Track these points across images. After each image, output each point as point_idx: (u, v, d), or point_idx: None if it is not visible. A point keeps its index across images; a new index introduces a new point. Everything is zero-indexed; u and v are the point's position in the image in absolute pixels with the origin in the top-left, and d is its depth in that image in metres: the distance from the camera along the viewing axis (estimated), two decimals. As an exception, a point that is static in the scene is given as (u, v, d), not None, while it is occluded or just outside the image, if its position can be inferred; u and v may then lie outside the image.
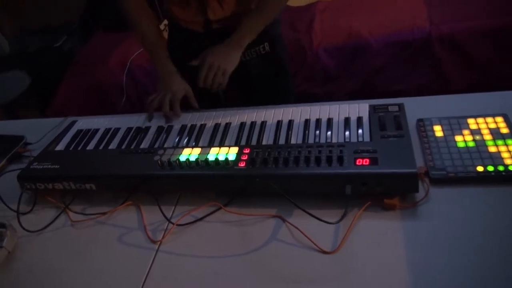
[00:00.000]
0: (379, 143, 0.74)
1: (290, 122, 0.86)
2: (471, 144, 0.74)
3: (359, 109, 0.85)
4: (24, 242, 0.80)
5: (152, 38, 1.06)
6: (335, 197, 0.71)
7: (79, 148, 0.95)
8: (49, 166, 0.88)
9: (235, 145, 0.83)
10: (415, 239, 0.64)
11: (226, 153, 0.80)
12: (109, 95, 1.86)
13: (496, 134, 0.75)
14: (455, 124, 0.79)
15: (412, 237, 0.64)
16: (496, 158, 0.70)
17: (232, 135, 0.87)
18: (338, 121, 0.83)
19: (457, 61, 1.49)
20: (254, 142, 0.84)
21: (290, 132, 0.84)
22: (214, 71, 0.99)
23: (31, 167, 0.89)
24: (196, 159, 0.79)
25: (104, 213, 0.81)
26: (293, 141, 0.81)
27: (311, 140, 0.80)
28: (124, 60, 1.83)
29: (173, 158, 0.81)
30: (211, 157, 0.79)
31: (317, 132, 0.82)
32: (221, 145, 0.85)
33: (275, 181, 0.72)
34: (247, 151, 0.79)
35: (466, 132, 0.77)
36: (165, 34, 1.95)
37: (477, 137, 0.75)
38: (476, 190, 0.68)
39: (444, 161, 0.72)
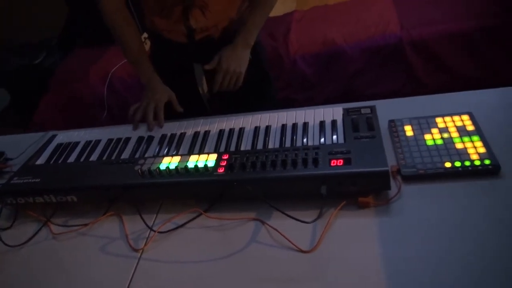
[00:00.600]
0: (353, 144, 0.77)
1: (268, 128, 0.88)
2: (439, 141, 0.77)
3: (334, 112, 0.88)
4: (6, 257, 0.80)
5: (135, 49, 1.08)
6: (312, 197, 0.73)
7: (59, 161, 0.95)
8: (30, 180, 0.88)
9: (214, 152, 0.85)
10: (389, 234, 0.66)
11: (206, 160, 0.81)
12: (90, 108, 1.86)
13: (462, 131, 0.78)
14: (424, 124, 0.82)
15: (386, 233, 0.66)
16: (462, 154, 0.74)
17: (211, 142, 0.89)
18: (314, 125, 0.86)
19: (427, 64, 1.54)
20: (232, 148, 0.86)
21: (267, 138, 0.86)
22: (230, 75, 1.03)
23: (12, 182, 0.89)
24: (176, 167, 0.80)
25: (85, 225, 0.82)
26: (270, 146, 0.84)
27: (288, 144, 0.83)
28: (104, 73, 1.84)
29: (153, 167, 0.82)
30: (190, 164, 0.80)
31: (294, 136, 0.84)
32: (200, 152, 0.86)
33: (253, 185, 0.74)
34: (225, 157, 0.81)
35: (434, 130, 0.80)
36: (146, 47, 1.98)
37: (445, 135, 0.78)
38: (445, 185, 0.71)
39: (415, 159, 0.75)
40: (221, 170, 0.78)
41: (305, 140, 0.82)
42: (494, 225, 0.64)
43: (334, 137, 0.81)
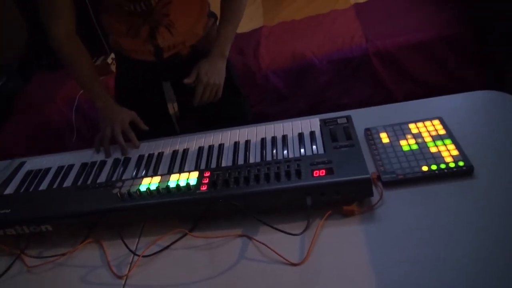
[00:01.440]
0: (333, 154, 0.78)
1: (247, 142, 0.88)
2: (414, 147, 0.80)
3: (311, 124, 0.89)
4: (-25, 296, 0.74)
5: (88, 75, 1.04)
6: (297, 209, 0.73)
7: (30, 190, 0.91)
8: (-1, 212, 0.83)
9: (195, 169, 0.84)
10: (377, 241, 0.67)
11: (187, 178, 0.80)
12: (58, 132, 1.79)
13: (435, 136, 0.82)
14: (399, 130, 0.85)
15: (374, 240, 0.67)
16: (437, 158, 0.77)
17: (191, 160, 0.88)
18: (293, 137, 0.87)
19: (393, 73, 1.61)
20: (213, 165, 0.85)
21: (247, 152, 0.86)
22: (210, 87, 1.03)
23: (-22, 214, 0.84)
24: (157, 187, 0.79)
25: (63, 254, 0.78)
26: (251, 160, 0.84)
27: (269, 158, 0.83)
28: (71, 96, 1.78)
29: (133, 189, 0.80)
30: (172, 184, 0.79)
31: (274, 149, 0.84)
32: (180, 171, 0.85)
33: (238, 201, 0.74)
34: (207, 174, 0.80)
35: (409, 136, 0.83)
36: (113, 67, 1.94)
37: (419, 140, 0.81)
38: (424, 188, 0.74)
39: (393, 165, 0.77)
40: (203, 188, 0.77)
41: (285, 152, 0.83)
42: (474, 223, 0.66)
43: (314, 147, 0.82)
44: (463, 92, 0.95)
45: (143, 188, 0.80)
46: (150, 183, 0.81)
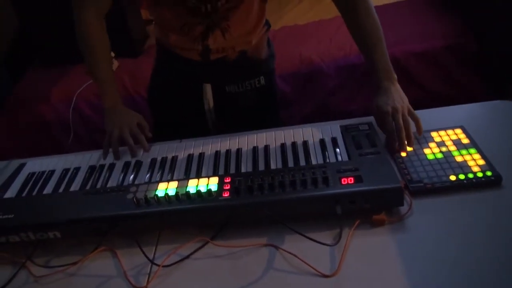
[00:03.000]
0: (359, 161, 0.76)
1: (266, 147, 0.86)
2: (439, 155, 0.79)
3: (331, 130, 0.87)
4: (-24, 309, 0.69)
5: (106, 67, 1.01)
6: (324, 218, 0.71)
7: (34, 193, 0.85)
8: (1, 217, 0.78)
9: (214, 175, 0.80)
10: (408, 251, 0.66)
11: (207, 184, 0.77)
12: (53, 133, 1.71)
13: (458, 144, 0.81)
14: (421, 138, 0.84)
15: (405, 250, 0.66)
16: (464, 167, 0.76)
17: (208, 164, 0.85)
18: (314, 143, 0.85)
19: (400, 81, 1.61)
20: (232, 170, 0.82)
21: (268, 158, 0.83)
22: (406, 112, 0.83)
23: (-22, 219, 0.78)
24: (176, 193, 0.75)
25: (74, 263, 0.73)
26: (272, 166, 0.81)
27: (291, 164, 0.80)
28: (69, 95, 1.71)
29: (150, 194, 0.76)
30: (191, 189, 0.75)
31: (296, 155, 0.82)
32: (198, 176, 0.81)
33: (263, 209, 0.71)
34: (228, 180, 0.76)
35: (432, 145, 0.82)
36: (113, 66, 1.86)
37: (443, 149, 0.80)
38: (452, 197, 0.72)
39: (419, 174, 0.76)
40: (226, 195, 0.73)
41: (308, 158, 0.81)
42: (504, 233, 0.65)
43: (338, 154, 0.80)
44: (468, 101, 0.96)
45: (160, 193, 0.76)
46: (167, 188, 0.77)
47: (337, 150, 0.81)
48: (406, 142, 0.81)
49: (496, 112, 0.92)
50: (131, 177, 0.85)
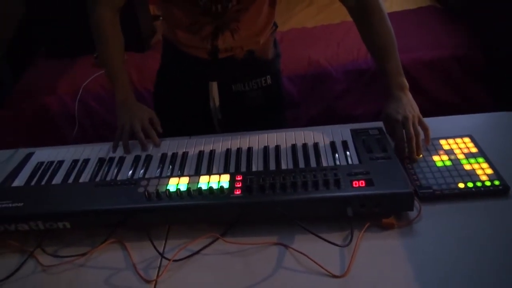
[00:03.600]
0: (369, 165, 0.77)
1: (277, 148, 0.86)
2: (448, 163, 0.80)
3: (342, 133, 0.88)
4: (-16, 296, 0.68)
5: (119, 63, 1.01)
6: (333, 220, 0.72)
7: (43, 183, 0.85)
8: (9, 205, 0.77)
9: (224, 172, 0.81)
10: (417, 255, 0.66)
11: (218, 181, 0.77)
12: (58, 124, 1.70)
13: (467, 153, 0.82)
14: (430, 145, 0.85)
15: (414, 254, 0.67)
16: (472, 175, 0.77)
17: (218, 162, 0.85)
18: (324, 145, 0.86)
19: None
20: (243, 168, 0.82)
21: (279, 158, 0.84)
22: (416, 121, 0.84)
23: (-14, 207, 0.78)
24: (188, 189, 0.75)
25: (83, 254, 0.73)
26: (283, 167, 0.81)
27: (301, 165, 0.81)
28: (75, 87, 1.70)
29: (161, 189, 0.76)
30: (203, 185, 0.76)
31: (306, 156, 0.83)
32: (209, 173, 0.82)
33: (274, 208, 0.71)
34: (239, 178, 0.77)
35: (441, 152, 0.83)
36: None
37: (452, 157, 0.82)
38: (461, 204, 0.74)
39: (429, 180, 0.77)
40: (237, 192, 0.74)
41: (319, 160, 0.81)
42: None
43: (348, 157, 0.81)
44: (474, 111, 0.97)
45: (172, 188, 0.76)
46: (178, 183, 0.78)
47: (348, 153, 0.82)
48: (415, 151, 0.82)
49: (504, 123, 0.93)
50: (142, 171, 0.85)
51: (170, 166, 0.85)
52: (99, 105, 1.70)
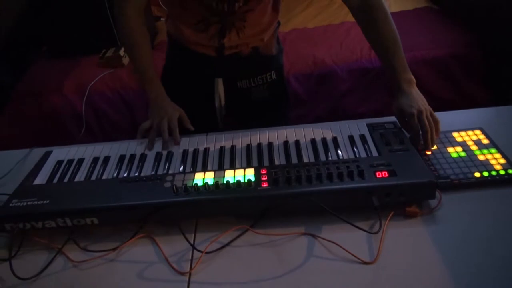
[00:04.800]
0: (389, 157, 0.80)
1: (297, 142, 0.88)
2: (462, 154, 0.84)
3: (359, 127, 0.91)
4: (17, 292, 0.68)
5: (148, 60, 1.02)
6: (357, 210, 0.74)
7: (65, 180, 0.85)
8: (35, 202, 0.78)
9: (248, 166, 0.83)
10: (440, 240, 0.69)
11: (243, 175, 0.79)
12: (65, 124, 1.68)
13: (479, 144, 0.86)
14: (444, 138, 0.89)
15: (437, 239, 0.70)
16: (487, 165, 0.81)
17: (240, 157, 0.87)
18: (343, 139, 0.88)
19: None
20: (266, 162, 0.84)
21: (300, 151, 0.86)
22: (428, 114, 0.87)
23: (11, 205, 0.77)
24: (215, 182, 0.76)
25: (114, 249, 0.73)
26: (305, 160, 0.84)
27: (323, 158, 0.83)
28: (81, 87, 1.69)
29: (189, 183, 0.77)
30: (230, 179, 0.77)
31: (327, 150, 0.85)
32: (233, 167, 0.83)
33: (301, 199, 0.73)
34: (264, 171, 0.79)
35: (455, 144, 0.87)
36: (124, 60, 1.84)
37: (466, 148, 0.85)
38: (478, 193, 0.77)
39: (446, 170, 0.81)
40: (265, 185, 0.76)
41: (339, 154, 0.84)
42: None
43: (368, 150, 0.84)
44: (472, 108, 1.02)
45: (199, 182, 0.77)
46: (204, 178, 0.79)
47: (367, 146, 0.85)
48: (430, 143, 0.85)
49: (510, 116, 0.98)
50: (165, 167, 0.86)
51: (193, 162, 0.86)
52: (106, 105, 1.69)
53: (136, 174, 0.85)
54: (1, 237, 0.78)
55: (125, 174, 0.85)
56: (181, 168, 0.85)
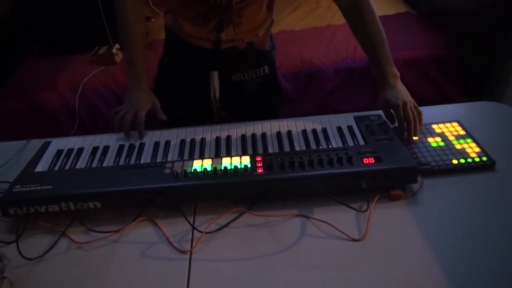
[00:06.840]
0: (375, 145, 0.86)
1: (289, 133, 0.94)
2: (441, 143, 0.91)
3: (346, 120, 0.97)
4: (22, 272, 0.71)
5: (137, 49, 1.05)
6: (346, 193, 0.80)
7: (66, 168, 0.88)
8: (39, 188, 0.80)
9: (243, 154, 0.87)
10: (423, 220, 0.76)
11: (240, 161, 0.84)
12: (58, 120, 1.69)
13: (456, 135, 0.93)
14: (424, 129, 0.96)
15: (420, 220, 0.76)
16: (463, 153, 0.88)
17: (236, 146, 0.91)
18: (332, 130, 0.94)
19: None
20: (260, 151, 0.89)
21: (292, 141, 0.91)
22: (412, 106, 0.93)
23: (14, 190, 0.80)
24: (214, 168, 0.81)
25: (116, 231, 0.77)
26: (297, 148, 0.89)
27: (314, 147, 0.89)
28: (74, 83, 1.70)
29: (188, 169, 0.81)
30: (227, 165, 0.82)
31: (317, 139, 0.91)
32: (229, 155, 0.88)
33: (294, 183, 0.79)
34: (259, 158, 0.84)
35: (434, 135, 0.94)
36: (117, 58, 1.86)
37: (444, 138, 0.92)
38: (455, 178, 0.84)
39: (426, 158, 0.87)
40: (260, 171, 0.81)
41: (329, 142, 0.90)
42: (498, 206, 0.77)
43: (355, 139, 0.90)
44: (450, 103, 1.09)
45: (198, 168, 0.81)
46: (202, 164, 0.83)
47: (354, 136, 0.91)
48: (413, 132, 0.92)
49: (484, 110, 1.06)
50: (162, 155, 0.90)
51: (189, 151, 0.91)
52: (99, 101, 1.71)
53: (136, 161, 0.88)
54: (5, 222, 0.81)
55: (125, 162, 0.88)
56: (178, 156, 0.89)
